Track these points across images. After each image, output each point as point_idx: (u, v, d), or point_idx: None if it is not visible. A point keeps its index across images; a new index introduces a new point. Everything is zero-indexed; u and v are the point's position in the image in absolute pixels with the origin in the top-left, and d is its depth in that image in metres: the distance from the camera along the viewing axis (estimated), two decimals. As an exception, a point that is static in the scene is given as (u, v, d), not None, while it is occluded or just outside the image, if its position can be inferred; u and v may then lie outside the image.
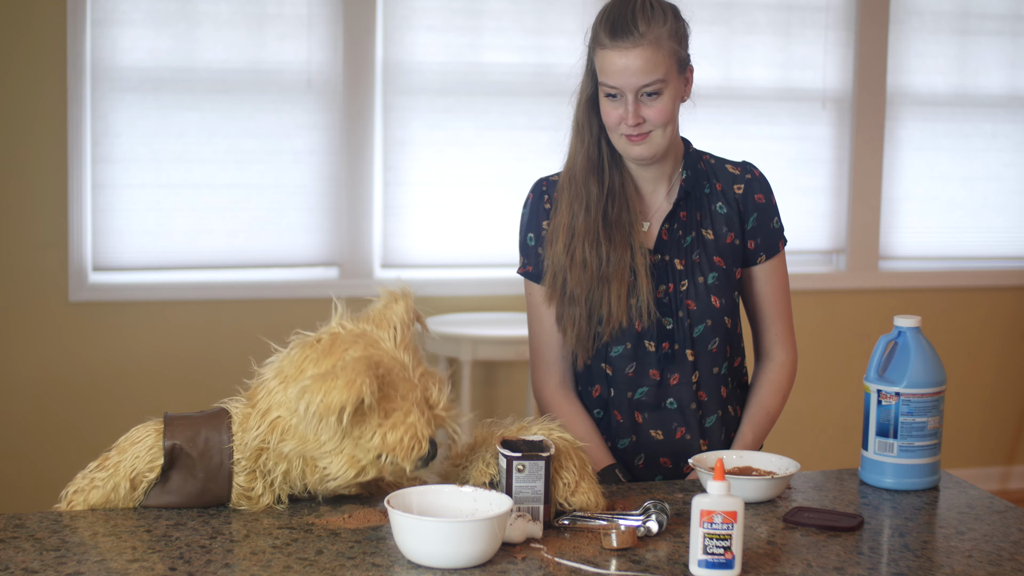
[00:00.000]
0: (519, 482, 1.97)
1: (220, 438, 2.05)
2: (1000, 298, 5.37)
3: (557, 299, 2.42)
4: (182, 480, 2.05)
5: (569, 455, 2.05)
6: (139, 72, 4.44)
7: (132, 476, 2.05)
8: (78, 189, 4.41)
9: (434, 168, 4.74)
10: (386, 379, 1.99)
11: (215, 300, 4.58)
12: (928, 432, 2.25)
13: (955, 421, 4.76)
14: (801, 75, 5.06)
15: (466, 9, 4.71)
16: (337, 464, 1.99)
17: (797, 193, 5.07)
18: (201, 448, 2.04)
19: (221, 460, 2.04)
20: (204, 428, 2.06)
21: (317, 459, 2.00)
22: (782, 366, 2.52)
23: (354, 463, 1.98)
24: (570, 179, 2.42)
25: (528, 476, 1.97)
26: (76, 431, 4.47)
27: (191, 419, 2.07)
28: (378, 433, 1.97)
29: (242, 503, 2.07)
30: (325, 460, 1.99)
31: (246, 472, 2.05)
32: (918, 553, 1.95)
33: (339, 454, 1.98)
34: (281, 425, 2.01)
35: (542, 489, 1.97)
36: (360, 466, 1.98)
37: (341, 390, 1.92)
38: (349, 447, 1.97)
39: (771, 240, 2.49)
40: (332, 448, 1.98)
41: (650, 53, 2.28)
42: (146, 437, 2.06)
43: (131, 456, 2.05)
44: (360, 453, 1.97)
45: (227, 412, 2.08)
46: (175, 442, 2.04)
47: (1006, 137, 5.33)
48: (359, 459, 1.98)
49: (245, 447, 2.04)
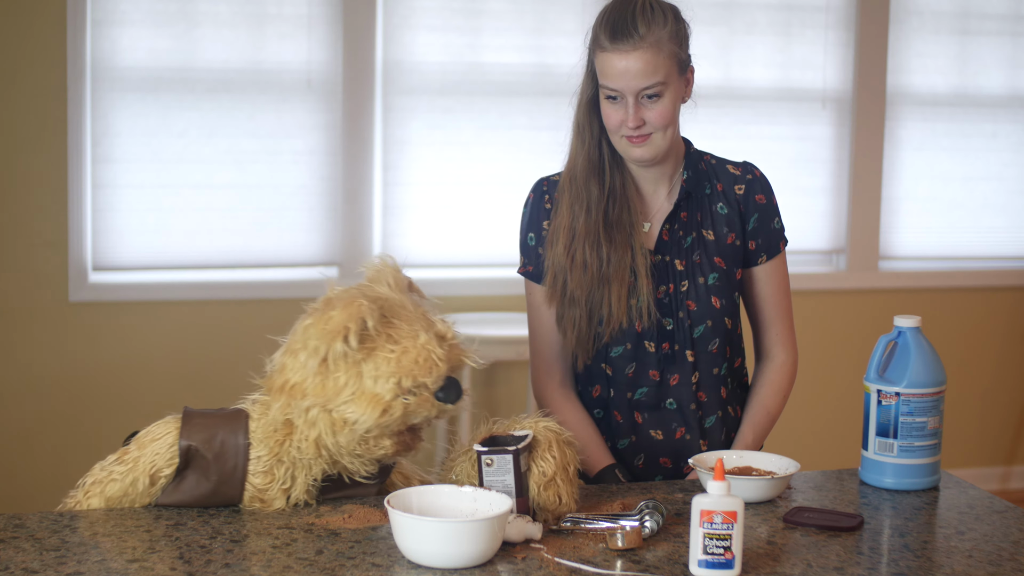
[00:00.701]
0: (488, 476, 1.98)
1: (236, 441, 2.04)
2: (1000, 298, 5.37)
3: (557, 300, 2.42)
4: (195, 481, 2.05)
5: (552, 446, 2.02)
6: (139, 72, 4.44)
7: (151, 472, 2.05)
8: (78, 189, 4.41)
9: (434, 168, 4.74)
10: (386, 308, 1.98)
11: (215, 300, 4.58)
12: (928, 432, 2.25)
13: (955, 421, 4.76)
14: (801, 75, 5.06)
15: (466, 9, 4.71)
16: (359, 406, 1.95)
17: (797, 193, 5.07)
18: (216, 451, 2.04)
19: (236, 463, 2.04)
20: (221, 430, 2.05)
21: (340, 410, 1.96)
22: (782, 366, 2.52)
23: (376, 401, 1.95)
24: (571, 180, 2.42)
25: (497, 470, 1.97)
26: (76, 431, 4.47)
27: (209, 418, 2.07)
28: (391, 359, 1.94)
29: (255, 505, 2.06)
30: (347, 407, 1.96)
31: (264, 472, 2.05)
32: (918, 553, 1.95)
33: (360, 396, 1.95)
34: (299, 388, 1.98)
35: (512, 483, 1.97)
36: (383, 403, 1.95)
37: (340, 313, 1.92)
38: (368, 385, 1.95)
39: (772, 241, 2.49)
40: (350, 389, 1.95)
41: (650, 55, 2.28)
42: (167, 435, 2.06)
43: (151, 452, 2.05)
44: (379, 387, 1.95)
45: (245, 412, 2.07)
46: (191, 443, 2.04)
47: (1006, 137, 5.33)
48: (380, 394, 1.95)
49: (266, 439, 2.03)
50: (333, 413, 1.98)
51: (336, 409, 1.97)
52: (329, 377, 1.97)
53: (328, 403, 1.97)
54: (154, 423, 2.09)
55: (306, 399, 1.98)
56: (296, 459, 2.05)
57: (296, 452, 2.04)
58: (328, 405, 1.98)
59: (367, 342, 1.95)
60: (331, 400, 1.97)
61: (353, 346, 1.93)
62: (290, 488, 2.06)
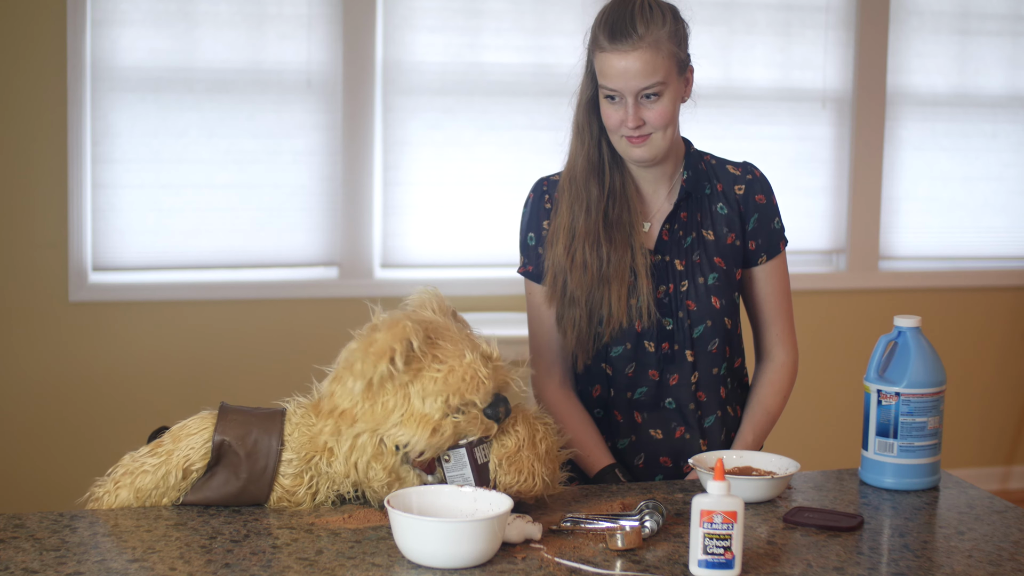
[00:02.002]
0: (449, 472, 2.00)
1: (270, 442, 2.04)
2: (1000, 298, 5.37)
3: (557, 301, 2.42)
4: (224, 479, 2.05)
5: (516, 421, 2.03)
6: (139, 72, 4.44)
7: (185, 466, 2.05)
8: (78, 189, 4.41)
9: (434, 168, 4.74)
10: (431, 329, 1.99)
11: (215, 300, 4.58)
12: (928, 432, 2.25)
13: (955, 421, 4.76)
14: (801, 75, 5.06)
15: (466, 9, 4.71)
16: (410, 428, 1.96)
17: (797, 193, 5.07)
18: (249, 448, 2.04)
19: (267, 464, 2.04)
20: (256, 428, 2.05)
21: (391, 434, 1.97)
22: (783, 367, 2.52)
23: (426, 421, 1.95)
24: (570, 181, 2.42)
25: (455, 465, 2.00)
26: (76, 431, 4.47)
27: (245, 415, 2.07)
28: (438, 379, 1.96)
29: (282, 505, 2.07)
30: (397, 430, 1.96)
31: (294, 475, 2.05)
32: (918, 553, 1.95)
33: (409, 418, 1.96)
34: (349, 414, 1.99)
35: (470, 475, 1.99)
36: (433, 423, 1.95)
37: (385, 335, 1.93)
38: (416, 405, 1.96)
39: (772, 241, 2.49)
40: (399, 412, 1.96)
41: (649, 56, 2.27)
42: (202, 430, 2.06)
43: (185, 446, 2.05)
44: (427, 407, 1.96)
45: (281, 414, 2.07)
46: (225, 438, 2.04)
47: (1006, 137, 5.33)
48: (429, 414, 1.96)
49: (300, 447, 2.04)
50: (385, 439, 1.98)
51: (387, 434, 1.98)
52: (377, 401, 1.97)
53: (378, 427, 1.98)
54: (190, 417, 2.09)
55: (356, 425, 1.99)
56: (324, 472, 2.05)
57: (326, 467, 2.05)
58: (379, 430, 1.98)
59: (413, 363, 1.96)
60: (381, 424, 1.98)
61: (399, 367, 1.94)
62: (316, 492, 2.07)
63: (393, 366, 1.94)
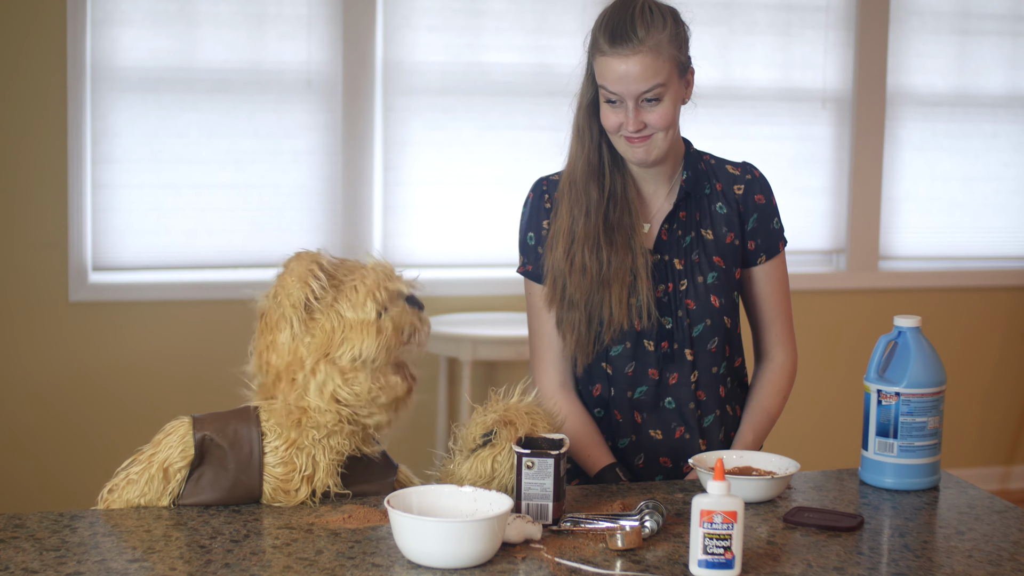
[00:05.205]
0: (528, 478, 2.00)
1: (249, 429, 2.07)
2: (1000, 298, 5.37)
3: (557, 304, 2.42)
4: (214, 475, 2.06)
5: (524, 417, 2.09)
6: (139, 72, 4.44)
7: (165, 467, 2.06)
8: (78, 189, 4.41)
9: (434, 168, 4.74)
10: (324, 260, 2.10)
11: (215, 300, 4.58)
12: (928, 432, 2.25)
13: (955, 421, 4.76)
14: (801, 75, 5.06)
15: (466, 9, 4.71)
16: (355, 339, 2.05)
17: (797, 193, 5.07)
18: (231, 438, 2.07)
19: (251, 449, 2.06)
20: (232, 420, 2.08)
21: (341, 352, 2.05)
22: (782, 367, 2.52)
23: (366, 326, 2.05)
24: (570, 184, 2.41)
25: (537, 473, 1.99)
26: (76, 431, 4.47)
27: (219, 415, 2.10)
28: (356, 285, 2.06)
29: (279, 498, 2.07)
30: (345, 347, 2.05)
31: (283, 463, 2.06)
32: (918, 553, 1.95)
33: (349, 329, 2.05)
34: (296, 362, 2.06)
35: (551, 486, 1.99)
36: (372, 324, 2.05)
37: (295, 267, 2.06)
38: (350, 316, 2.05)
39: (771, 241, 2.49)
40: (339, 330, 2.05)
41: (650, 59, 2.27)
42: (178, 428, 2.08)
43: (164, 448, 2.07)
44: (360, 313, 2.05)
45: (253, 406, 2.11)
46: (205, 433, 2.06)
47: (1006, 137, 5.33)
48: (365, 318, 2.05)
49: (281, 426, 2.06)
50: (337, 361, 2.04)
51: (337, 354, 2.05)
52: (316, 329, 2.05)
53: (328, 351, 2.05)
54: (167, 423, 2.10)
55: (306, 360, 2.05)
56: (316, 440, 2.07)
57: (315, 430, 2.06)
58: (329, 353, 2.05)
59: (330, 283, 2.06)
60: (328, 347, 2.05)
61: (323, 282, 2.04)
62: (313, 474, 2.07)
63: (318, 282, 2.05)
